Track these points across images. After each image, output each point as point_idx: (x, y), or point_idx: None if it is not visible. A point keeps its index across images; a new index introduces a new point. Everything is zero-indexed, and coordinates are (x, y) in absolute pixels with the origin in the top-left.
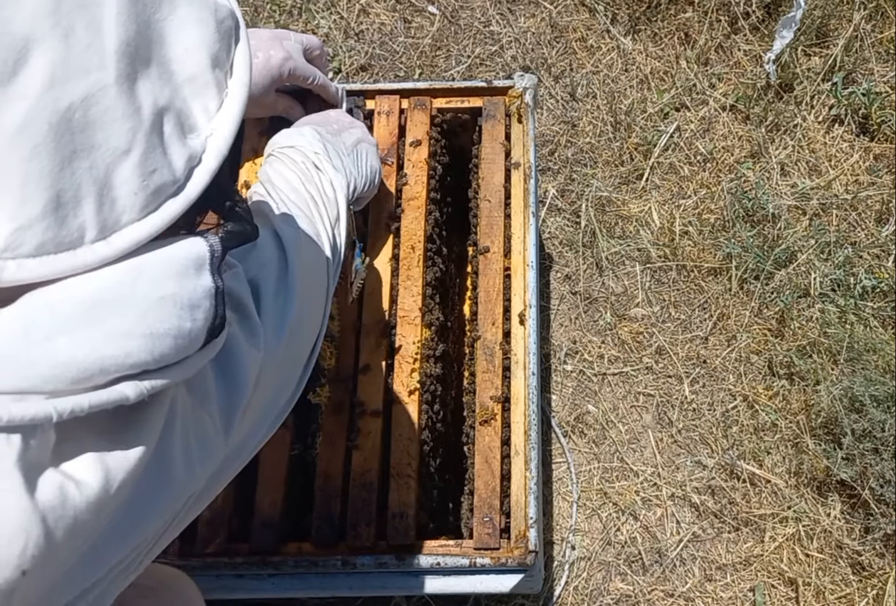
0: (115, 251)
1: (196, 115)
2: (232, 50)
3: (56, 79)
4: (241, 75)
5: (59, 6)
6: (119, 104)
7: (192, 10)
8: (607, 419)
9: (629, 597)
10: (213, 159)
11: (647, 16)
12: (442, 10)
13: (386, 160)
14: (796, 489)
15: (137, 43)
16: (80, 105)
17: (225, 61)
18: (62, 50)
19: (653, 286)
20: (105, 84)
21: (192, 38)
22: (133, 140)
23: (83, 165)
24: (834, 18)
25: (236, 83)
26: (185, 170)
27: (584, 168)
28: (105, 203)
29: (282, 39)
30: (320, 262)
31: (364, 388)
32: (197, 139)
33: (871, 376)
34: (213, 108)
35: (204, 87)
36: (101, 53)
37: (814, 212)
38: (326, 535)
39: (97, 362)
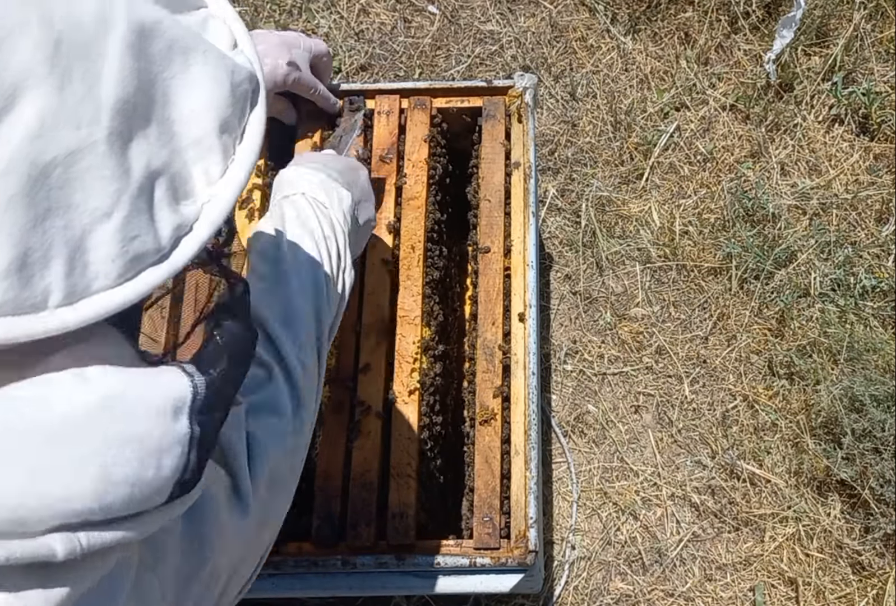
0: (79, 319)
1: (195, 179)
2: (246, 114)
3: (43, 129)
4: (252, 142)
5: (58, 52)
6: (106, 163)
7: (206, 69)
8: (607, 419)
9: (629, 597)
10: (206, 229)
11: (647, 15)
12: (442, 10)
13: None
14: (796, 488)
15: (137, 100)
16: (64, 160)
17: (236, 126)
18: (54, 99)
19: (653, 286)
20: (94, 140)
21: (201, 100)
22: (116, 203)
23: (57, 223)
24: (834, 18)
25: (245, 150)
26: (173, 238)
27: (584, 168)
28: (76, 267)
29: (291, 47)
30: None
31: (364, 388)
32: (191, 206)
33: (871, 376)
34: (216, 173)
35: (208, 151)
36: (96, 107)
37: (814, 212)
38: (326, 535)
39: (30, 500)
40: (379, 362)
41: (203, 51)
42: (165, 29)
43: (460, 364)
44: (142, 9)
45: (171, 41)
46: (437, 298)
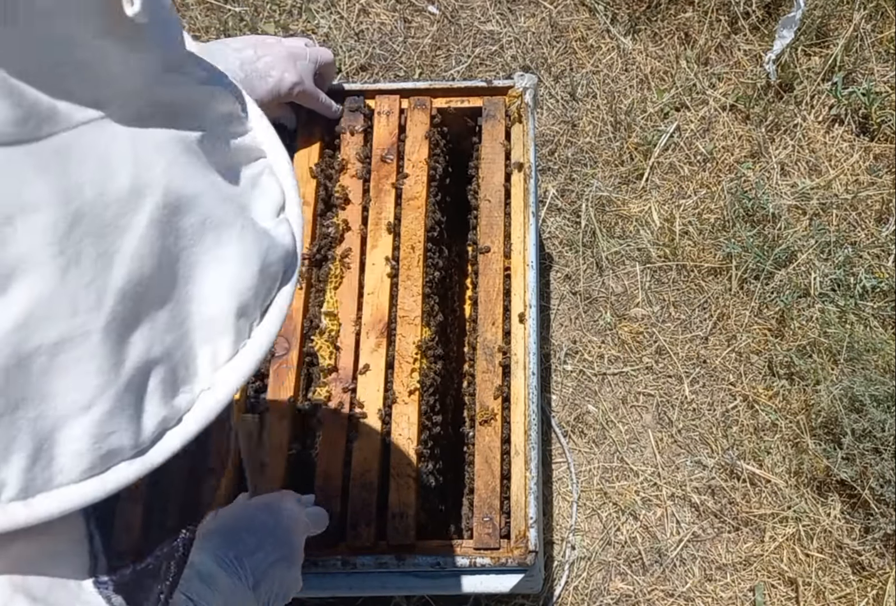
0: (31, 516)
1: (199, 363)
2: (272, 294)
3: (33, 317)
4: (271, 324)
5: (72, 233)
6: (97, 354)
7: (238, 249)
8: (607, 419)
9: (629, 597)
10: (195, 424)
11: (647, 16)
12: (442, 10)
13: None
14: (796, 489)
15: (153, 281)
16: (49, 350)
17: (255, 309)
18: (54, 284)
19: (653, 286)
20: (89, 329)
21: (224, 281)
22: (98, 397)
23: (28, 414)
24: (834, 18)
25: (262, 333)
26: (156, 432)
27: (584, 168)
28: (40, 459)
29: (296, 59)
30: None
31: (364, 388)
32: (187, 394)
33: (871, 376)
34: (224, 358)
35: (220, 333)
36: (101, 292)
37: (814, 212)
38: (326, 535)
39: None
40: (379, 363)
41: (240, 227)
42: (203, 202)
43: (460, 364)
44: (182, 179)
45: (207, 216)
46: (437, 298)
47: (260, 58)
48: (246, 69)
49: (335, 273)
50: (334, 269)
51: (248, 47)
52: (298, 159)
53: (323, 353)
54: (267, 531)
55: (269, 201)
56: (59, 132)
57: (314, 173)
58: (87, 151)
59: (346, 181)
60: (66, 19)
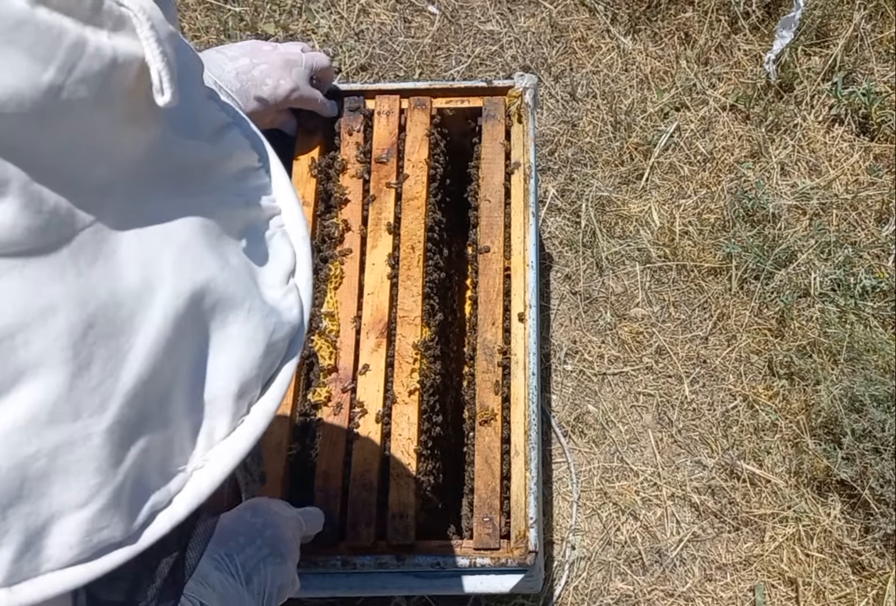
0: (14, 601)
1: (195, 443)
2: (273, 369)
3: (35, 422)
4: (269, 403)
5: (88, 333)
6: (97, 456)
7: (244, 330)
8: (607, 419)
9: (629, 597)
10: (185, 506)
11: (647, 16)
12: (442, 10)
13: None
14: (796, 489)
15: (161, 374)
16: (49, 453)
17: (255, 387)
18: (61, 389)
19: (653, 286)
20: (91, 432)
21: (229, 360)
22: (95, 495)
23: (22, 511)
24: (834, 18)
25: (260, 411)
26: (147, 517)
27: (584, 168)
28: (29, 551)
29: (292, 66)
30: None
31: (364, 388)
32: (178, 476)
33: (871, 376)
34: (220, 436)
35: (218, 412)
36: (107, 395)
37: (814, 212)
38: (326, 535)
39: None
40: (379, 363)
41: (248, 309)
42: (215, 286)
43: (460, 364)
44: (192, 267)
45: (217, 299)
46: (437, 298)
47: (255, 66)
48: (242, 79)
49: (335, 273)
50: (334, 269)
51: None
52: (298, 159)
53: (323, 353)
54: (255, 529)
55: (279, 267)
56: (75, 236)
57: (314, 173)
58: (96, 251)
59: (346, 181)
60: (96, 110)
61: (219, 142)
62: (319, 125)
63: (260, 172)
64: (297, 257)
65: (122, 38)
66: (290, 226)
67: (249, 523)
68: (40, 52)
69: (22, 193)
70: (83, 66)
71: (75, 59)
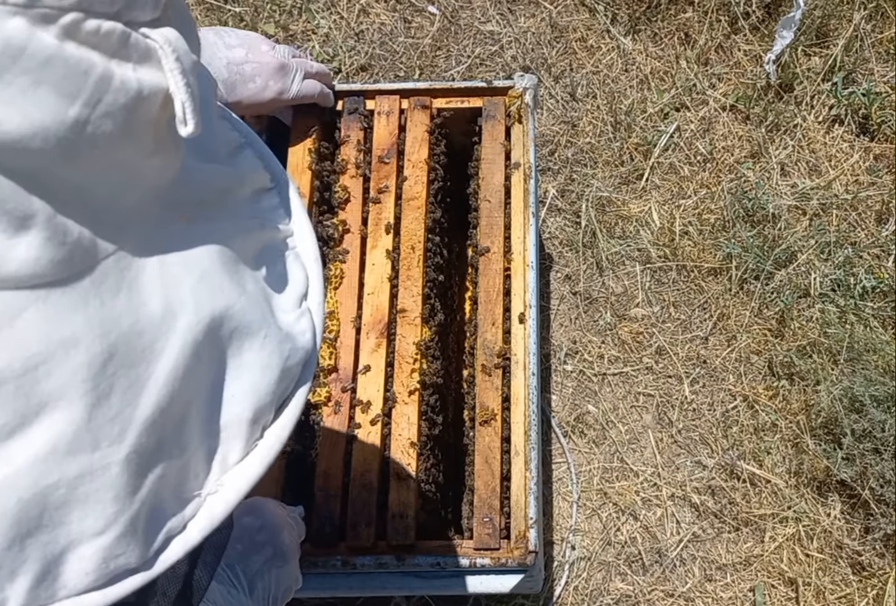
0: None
1: (209, 468)
2: (286, 392)
3: (55, 453)
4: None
5: (108, 364)
6: (115, 484)
7: (259, 357)
8: (607, 419)
9: (629, 597)
10: (199, 532)
11: (647, 16)
12: (442, 10)
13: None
14: (796, 489)
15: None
16: (69, 484)
17: (269, 412)
18: (81, 420)
19: (653, 286)
20: (109, 462)
21: (245, 387)
22: (112, 523)
23: (40, 540)
24: (834, 18)
25: (273, 436)
26: (161, 542)
27: (584, 168)
28: (46, 580)
29: (286, 72)
30: None
31: (364, 388)
32: (193, 501)
33: (871, 376)
34: (233, 460)
35: (232, 438)
36: (126, 424)
37: (814, 212)
38: (326, 535)
39: None
40: (379, 363)
41: (264, 336)
42: (234, 313)
43: (460, 364)
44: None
45: (235, 327)
46: (437, 298)
47: (248, 62)
48: (231, 70)
49: (335, 273)
50: (334, 269)
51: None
52: (294, 150)
53: (323, 353)
54: (254, 532)
55: (293, 290)
56: (97, 265)
57: (310, 164)
58: (119, 280)
59: (346, 181)
60: (121, 143)
61: (234, 164)
62: (314, 114)
63: (273, 192)
64: (310, 280)
65: (147, 70)
66: (302, 247)
67: (248, 527)
68: (67, 88)
69: (47, 227)
70: (109, 100)
71: (101, 94)
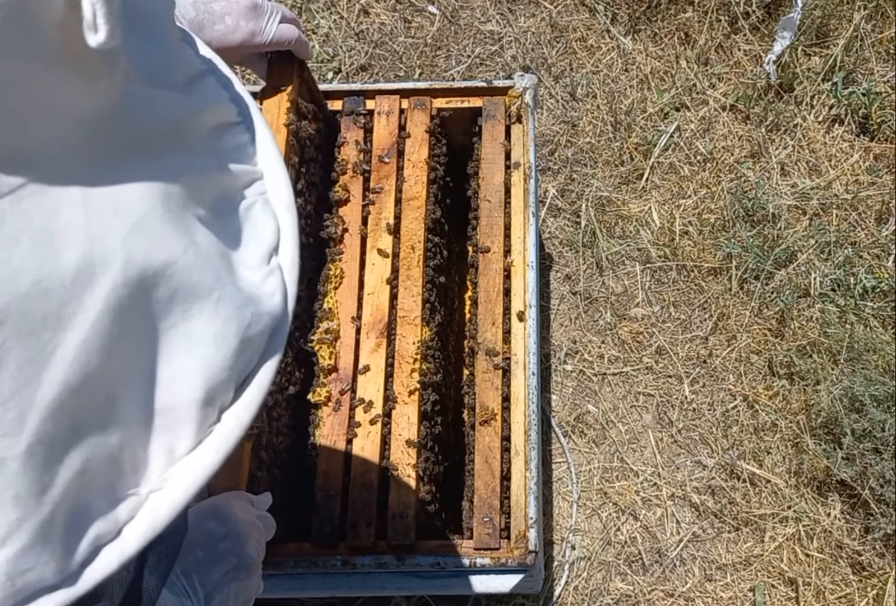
0: None
1: (151, 459)
2: (249, 368)
3: None
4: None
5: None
6: (14, 484)
7: (211, 326)
8: (607, 419)
9: (629, 597)
10: (136, 538)
11: (647, 16)
12: (442, 10)
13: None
14: (796, 489)
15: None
16: None
17: (228, 391)
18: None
19: (653, 286)
20: (4, 457)
21: (193, 361)
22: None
23: None
24: (834, 18)
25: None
26: (88, 554)
27: (584, 168)
28: None
29: (258, 12)
30: None
31: (364, 388)
32: (130, 499)
33: (871, 376)
34: (183, 450)
35: (180, 423)
36: (24, 408)
37: (814, 212)
38: (326, 535)
39: None
40: (379, 363)
41: (216, 300)
42: (175, 271)
43: (460, 364)
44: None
45: (178, 287)
46: (437, 298)
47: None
48: (198, 8)
49: (335, 273)
50: (334, 269)
51: None
52: (267, 105)
53: (323, 353)
54: (216, 540)
55: (259, 244)
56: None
57: (287, 122)
58: (19, 225)
59: (346, 181)
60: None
61: (191, 92)
62: (295, 66)
63: (239, 128)
64: (282, 232)
65: None
66: (274, 194)
67: (210, 533)
68: None
69: None
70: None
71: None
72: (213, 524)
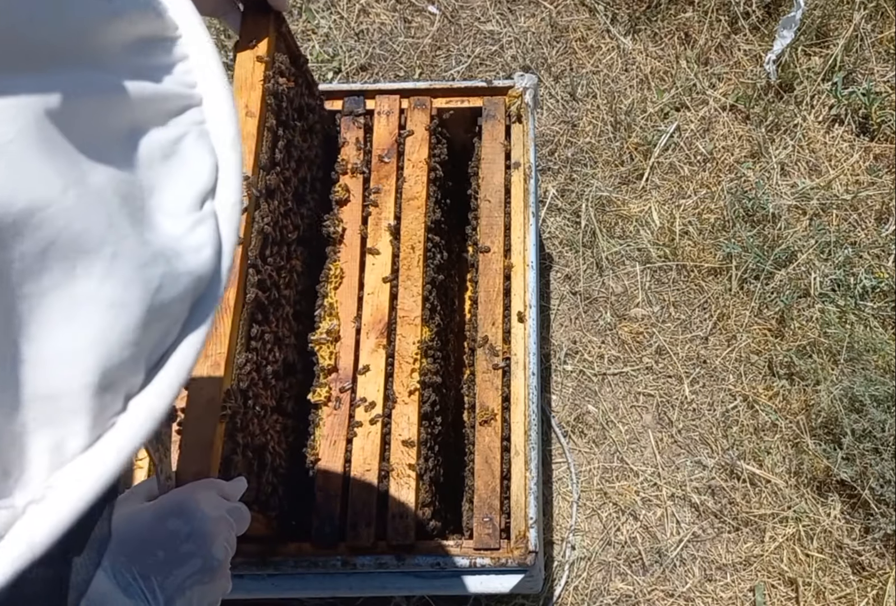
0: None
1: (29, 460)
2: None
3: None
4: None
5: None
6: None
7: (105, 288)
8: (607, 419)
9: (629, 597)
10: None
11: (647, 16)
12: (442, 10)
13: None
14: (796, 489)
15: None
16: None
17: (132, 373)
18: None
19: (653, 286)
20: None
21: (80, 335)
22: None
23: None
24: (834, 18)
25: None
26: None
27: (584, 168)
28: None
29: None
30: None
31: (364, 388)
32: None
33: (871, 376)
34: (74, 448)
35: (67, 414)
36: None
37: (814, 212)
38: (326, 535)
39: None
40: (379, 363)
41: (110, 257)
42: (47, 218)
43: (460, 365)
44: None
45: (51, 240)
46: (437, 298)
47: None
48: None
49: (335, 273)
50: (334, 269)
51: None
52: (241, 60)
53: (323, 353)
54: (179, 540)
55: (188, 185)
56: None
57: (262, 79)
58: None
59: (346, 181)
60: None
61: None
62: (272, 19)
63: (171, 45)
64: (221, 172)
65: None
66: (215, 124)
67: (173, 532)
68: None
69: None
70: None
71: None
72: (175, 522)
